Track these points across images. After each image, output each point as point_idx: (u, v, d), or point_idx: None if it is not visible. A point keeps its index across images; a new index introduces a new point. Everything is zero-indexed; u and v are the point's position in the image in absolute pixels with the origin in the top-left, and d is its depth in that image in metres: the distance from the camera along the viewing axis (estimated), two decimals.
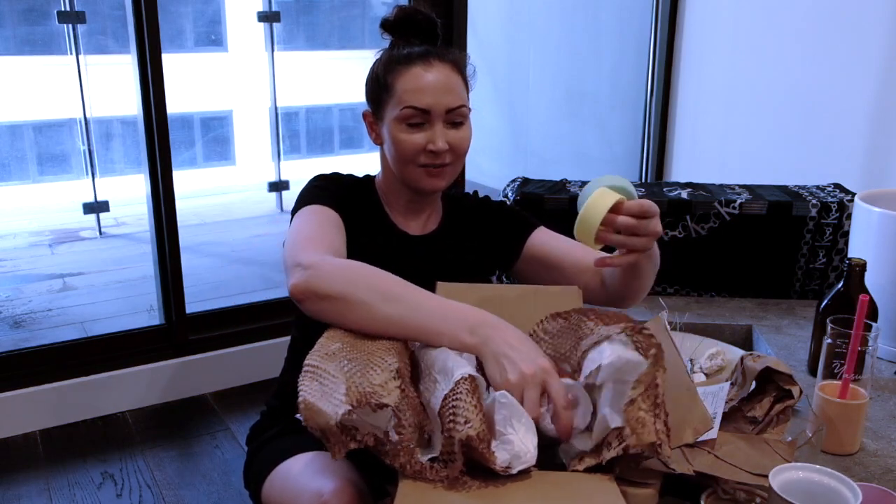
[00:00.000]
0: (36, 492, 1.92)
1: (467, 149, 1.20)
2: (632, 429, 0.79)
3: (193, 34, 6.61)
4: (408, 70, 1.15)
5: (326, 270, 0.97)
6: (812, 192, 1.69)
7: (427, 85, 1.13)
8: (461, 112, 1.16)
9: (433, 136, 1.14)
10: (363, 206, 1.22)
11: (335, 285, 0.95)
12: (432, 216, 1.27)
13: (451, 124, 1.16)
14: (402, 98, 1.13)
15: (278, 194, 4.85)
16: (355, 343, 0.93)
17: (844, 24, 2.27)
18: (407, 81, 1.14)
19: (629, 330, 0.84)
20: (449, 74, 1.16)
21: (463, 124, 1.17)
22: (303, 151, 7.10)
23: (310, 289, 0.96)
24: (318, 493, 0.98)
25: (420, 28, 1.20)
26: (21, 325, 3.04)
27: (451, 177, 1.20)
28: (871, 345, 1.01)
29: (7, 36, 4.71)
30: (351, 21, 6.50)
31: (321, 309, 0.96)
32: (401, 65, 1.16)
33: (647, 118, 2.97)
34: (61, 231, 4.41)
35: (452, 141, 1.15)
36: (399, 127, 1.15)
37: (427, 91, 1.13)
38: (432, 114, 1.13)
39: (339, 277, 0.96)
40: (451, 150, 1.15)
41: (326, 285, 0.95)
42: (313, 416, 0.82)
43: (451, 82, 1.15)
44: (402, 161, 1.16)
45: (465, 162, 1.23)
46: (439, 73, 1.14)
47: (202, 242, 4.22)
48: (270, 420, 1.25)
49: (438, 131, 1.14)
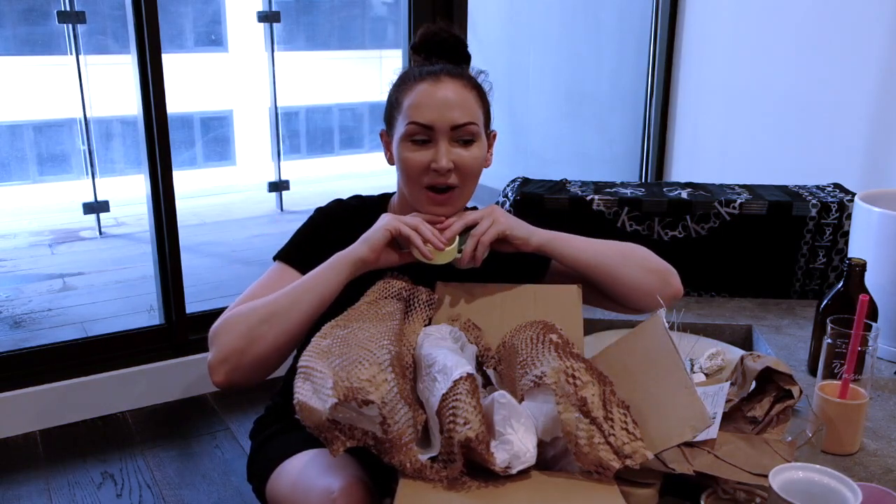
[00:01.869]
0: (36, 492, 1.92)
1: (478, 171, 1.13)
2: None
3: (193, 34, 6.61)
4: (415, 86, 1.11)
5: (217, 348, 1.04)
6: (812, 192, 1.69)
7: (432, 100, 1.09)
8: (469, 130, 1.10)
9: (437, 154, 1.08)
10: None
11: (228, 350, 1.04)
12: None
13: (459, 143, 1.10)
14: (407, 114, 1.10)
15: (278, 194, 4.85)
16: (347, 337, 0.93)
17: (844, 24, 2.27)
18: (413, 97, 1.10)
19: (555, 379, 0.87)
20: (459, 90, 1.10)
21: (473, 143, 1.11)
22: (303, 151, 7.10)
23: (227, 380, 1.05)
24: (328, 490, 0.98)
25: (445, 46, 1.17)
26: (21, 325, 3.04)
27: (460, 203, 1.14)
28: (871, 345, 1.01)
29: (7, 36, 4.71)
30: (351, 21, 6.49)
31: (245, 372, 1.05)
32: (411, 81, 1.12)
33: (647, 118, 2.97)
34: (61, 231, 4.41)
35: (459, 160, 1.09)
36: (404, 144, 1.11)
37: (432, 107, 1.08)
38: (436, 130, 1.08)
39: (226, 340, 1.04)
40: (457, 170, 1.10)
41: (225, 358, 1.04)
42: (308, 416, 0.83)
43: (461, 98, 1.10)
44: (408, 180, 1.12)
45: (476, 185, 1.16)
46: (447, 89, 1.09)
47: (202, 242, 4.21)
48: (275, 416, 1.25)
49: (442, 149, 1.08)
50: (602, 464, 0.81)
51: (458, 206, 1.14)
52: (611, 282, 1.15)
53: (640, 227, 1.65)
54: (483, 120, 1.14)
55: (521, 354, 0.93)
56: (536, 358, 0.91)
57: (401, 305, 1.05)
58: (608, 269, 1.14)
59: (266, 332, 1.03)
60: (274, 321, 1.03)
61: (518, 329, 1.02)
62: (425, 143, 1.09)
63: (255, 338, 1.03)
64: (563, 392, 0.83)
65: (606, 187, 1.73)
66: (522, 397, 0.88)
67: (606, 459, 0.81)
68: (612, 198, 1.65)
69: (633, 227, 1.65)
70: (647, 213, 1.64)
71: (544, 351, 0.92)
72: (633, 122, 3.10)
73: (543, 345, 0.93)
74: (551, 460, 0.88)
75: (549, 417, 0.85)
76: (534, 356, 0.91)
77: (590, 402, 0.83)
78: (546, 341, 0.94)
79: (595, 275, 1.15)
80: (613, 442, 0.82)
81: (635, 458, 0.81)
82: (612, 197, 1.65)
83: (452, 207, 1.13)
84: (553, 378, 0.85)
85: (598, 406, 0.83)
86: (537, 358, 0.90)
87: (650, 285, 1.15)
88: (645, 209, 1.64)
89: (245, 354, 1.03)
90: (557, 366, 0.86)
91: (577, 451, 0.82)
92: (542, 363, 0.89)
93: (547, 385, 0.85)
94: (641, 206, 1.64)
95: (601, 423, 0.83)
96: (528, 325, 1.01)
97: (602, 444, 0.82)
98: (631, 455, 0.81)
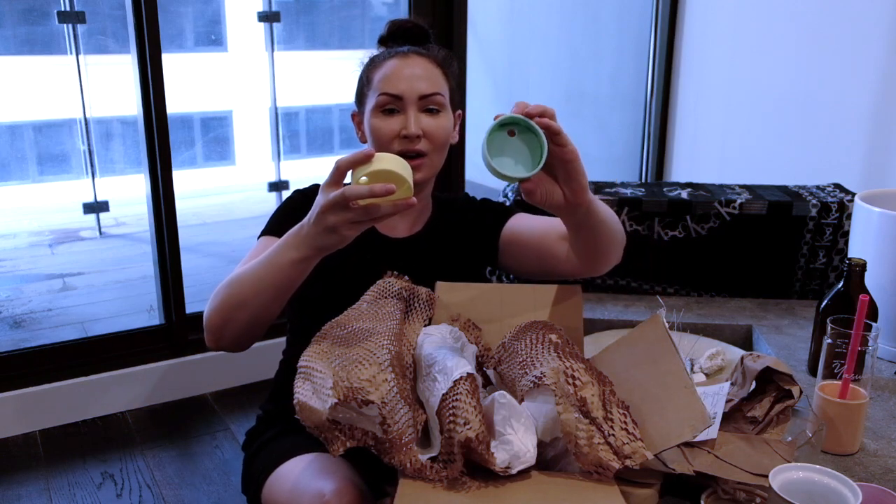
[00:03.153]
0: (36, 492, 1.92)
1: (445, 139, 1.20)
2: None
3: (193, 34, 6.61)
4: (385, 63, 1.19)
5: (206, 315, 1.08)
6: (812, 192, 1.69)
7: (401, 73, 1.17)
8: (435, 99, 1.17)
9: (406, 122, 1.15)
10: None
11: (215, 320, 1.07)
12: (420, 217, 1.28)
13: (427, 111, 1.17)
14: (377, 87, 1.17)
15: (278, 194, 4.84)
16: (347, 337, 0.93)
17: (844, 24, 2.27)
18: (383, 71, 1.18)
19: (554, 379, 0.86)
20: (426, 66, 1.19)
21: (440, 112, 1.18)
22: (303, 151, 7.09)
23: (216, 338, 1.08)
24: (320, 493, 0.98)
25: (410, 35, 1.25)
26: (21, 325, 3.03)
27: (430, 170, 1.20)
28: (871, 345, 1.01)
29: (7, 36, 4.71)
30: (351, 21, 6.49)
31: (228, 331, 1.07)
32: (380, 60, 1.20)
33: (647, 118, 2.97)
34: (61, 231, 4.41)
35: (427, 128, 1.16)
36: (375, 115, 1.18)
37: (401, 78, 1.16)
38: (405, 100, 1.16)
39: (213, 313, 1.07)
40: (426, 136, 1.16)
41: (212, 325, 1.07)
42: (308, 416, 0.83)
43: (428, 72, 1.18)
44: (379, 149, 1.13)
45: (446, 156, 1.22)
46: (415, 64, 1.18)
47: (202, 242, 4.21)
48: (266, 424, 1.25)
49: (412, 116, 1.16)
50: (602, 464, 0.81)
51: (429, 175, 1.20)
52: (598, 241, 1.09)
53: (640, 227, 1.65)
54: (449, 95, 1.21)
55: (521, 355, 0.93)
56: (536, 358, 0.91)
57: (401, 305, 1.05)
58: (608, 227, 1.10)
59: (239, 315, 1.05)
60: (247, 301, 1.05)
61: (518, 329, 1.01)
62: (395, 112, 1.16)
63: (229, 319, 1.06)
64: (563, 392, 0.83)
65: (606, 187, 1.73)
66: (522, 398, 0.89)
67: (606, 460, 0.81)
68: (612, 198, 1.65)
69: (633, 226, 1.65)
70: (647, 213, 1.64)
71: (544, 351, 0.92)
72: (633, 122, 3.10)
73: (543, 345, 0.93)
74: (551, 461, 0.88)
75: (548, 418, 0.85)
76: (533, 356, 0.91)
77: (589, 403, 0.83)
78: (546, 341, 0.94)
79: (600, 233, 1.08)
80: (613, 442, 0.82)
81: (635, 458, 0.81)
82: (612, 197, 1.65)
83: (422, 174, 1.18)
84: (552, 378, 0.85)
85: (597, 406, 0.83)
86: (537, 358, 0.90)
87: (620, 251, 1.16)
88: (645, 209, 1.64)
89: (224, 329, 1.07)
90: (557, 366, 0.86)
91: (577, 452, 0.82)
92: (541, 363, 0.88)
93: (546, 385, 0.85)
94: (641, 206, 1.64)
95: (601, 424, 0.83)
96: (528, 326, 1.01)
97: (602, 444, 0.82)
98: (630, 455, 0.81)
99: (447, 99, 1.21)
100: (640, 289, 1.68)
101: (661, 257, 1.67)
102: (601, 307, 1.56)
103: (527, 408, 0.87)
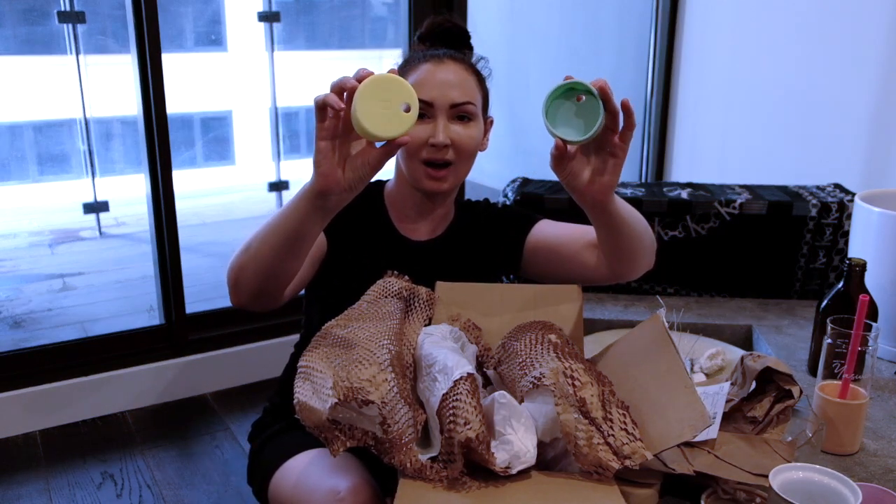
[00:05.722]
0: (36, 492, 1.92)
1: (473, 149, 1.17)
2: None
3: (193, 34, 6.60)
4: (419, 66, 1.16)
5: (227, 269, 1.04)
6: (812, 192, 1.69)
7: (434, 79, 1.14)
8: (467, 109, 1.15)
9: (435, 130, 1.13)
10: (364, 212, 1.21)
11: (232, 271, 1.01)
12: (442, 221, 1.26)
13: (457, 120, 1.15)
14: None
15: (278, 194, 4.84)
16: (347, 337, 0.93)
17: (844, 24, 2.27)
18: (416, 76, 1.15)
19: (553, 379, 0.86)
20: (459, 72, 1.15)
21: (471, 122, 1.16)
22: (303, 151, 7.09)
23: (235, 291, 1.03)
24: (334, 490, 0.98)
25: (449, 36, 1.22)
26: (21, 325, 3.03)
27: (455, 180, 1.18)
28: (871, 345, 1.01)
29: (7, 36, 4.71)
30: (351, 21, 6.48)
31: (243, 282, 1.01)
32: (415, 63, 1.17)
33: (647, 118, 2.97)
34: (61, 231, 4.41)
35: (456, 137, 1.14)
36: None
37: (433, 85, 1.13)
38: (436, 107, 1.13)
39: (230, 264, 1.02)
40: (454, 146, 1.14)
41: (230, 276, 1.02)
42: (308, 416, 0.83)
43: (461, 79, 1.15)
44: (406, 155, 1.15)
45: (473, 164, 1.20)
46: (448, 71, 1.15)
47: (202, 242, 4.21)
48: (273, 417, 1.25)
49: (441, 125, 1.13)
50: (601, 464, 0.81)
51: (454, 183, 1.18)
52: (622, 243, 1.09)
53: None
54: (481, 103, 1.19)
55: (521, 355, 0.93)
56: (536, 359, 0.91)
57: (401, 305, 1.05)
58: (632, 230, 1.09)
59: (251, 265, 1.00)
60: (258, 250, 1.00)
61: (518, 329, 1.01)
62: (424, 118, 1.13)
63: (243, 268, 1.01)
64: (562, 393, 0.83)
65: None
66: (522, 398, 0.88)
67: (606, 460, 0.81)
68: None
69: None
70: (647, 213, 1.64)
71: (543, 352, 0.92)
72: None
73: (542, 345, 0.93)
74: (551, 461, 0.88)
75: (548, 418, 0.85)
76: (533, 357, 0.91)
77: (589, 403, 0.83)
78: (545, 342, 0.94)
79: (623, 234, 1.08)
80: (613, 442, 0.82)
81: (634, 458, 0.81)
82: None
83: (448, 183, 1.16)
84: (552, 379, 0.85)
85: (597, 406, 0.83)
86: (536, 359, 0.90)
87: (651, 256, 1.16)
88: (645, 209, 1.64)
89: (240, 280, 1.02)
90: (556, 366, 0.86)
91: (577, 452, 0.82)
92: (540, 364, 0.88)
93: (546, 386, 0.85)
94: (641, 205, 1.64)
95: (600, 424, 0.83)
96: (527, 326, 1.01)
97: (601, 444, 0.82)
98: (630, 455, 0.81)
99: (479, 107, 1.18)
100: (640, 289, 1.68)
101: (661, 257, 1.66)
102: (601, 307, 1.56)
103: (527, 408, 0.87)
